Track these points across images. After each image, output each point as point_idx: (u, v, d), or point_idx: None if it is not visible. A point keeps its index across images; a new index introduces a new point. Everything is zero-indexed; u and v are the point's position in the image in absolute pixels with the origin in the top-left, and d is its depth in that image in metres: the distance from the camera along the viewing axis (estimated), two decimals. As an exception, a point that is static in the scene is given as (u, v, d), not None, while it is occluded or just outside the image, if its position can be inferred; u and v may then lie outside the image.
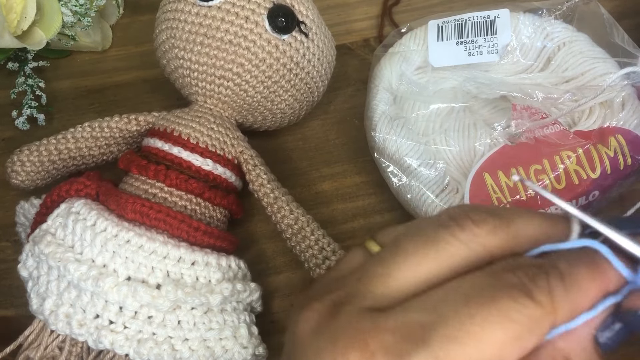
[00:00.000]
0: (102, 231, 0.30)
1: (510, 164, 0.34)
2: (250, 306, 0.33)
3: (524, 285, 0.17)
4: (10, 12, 0.40)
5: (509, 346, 0.17)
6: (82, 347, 0.30)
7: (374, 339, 0.17)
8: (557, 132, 0.34)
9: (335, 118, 0.43)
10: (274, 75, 0.35)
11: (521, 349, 0.17)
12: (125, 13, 0.49)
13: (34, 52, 0.45)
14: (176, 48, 0.35)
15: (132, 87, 0.45)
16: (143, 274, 0.29)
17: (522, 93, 0.35)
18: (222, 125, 0.35)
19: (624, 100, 0.35)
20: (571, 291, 0.17)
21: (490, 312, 0.17)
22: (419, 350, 0.17)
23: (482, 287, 0.18)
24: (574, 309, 0.18)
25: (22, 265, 0.31)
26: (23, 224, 0.35)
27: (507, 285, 0.17)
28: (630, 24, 0.42)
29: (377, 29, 0.47)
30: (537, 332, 0.17)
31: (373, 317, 0.18)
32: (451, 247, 0.19)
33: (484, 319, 0.17)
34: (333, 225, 0.38)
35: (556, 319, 0.17)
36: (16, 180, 0.35)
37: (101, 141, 0.36)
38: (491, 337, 0.17)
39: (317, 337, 0.19)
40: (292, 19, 0.34)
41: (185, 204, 0.33)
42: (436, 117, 0.37)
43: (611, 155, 0.33)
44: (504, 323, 0.17)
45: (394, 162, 0.36)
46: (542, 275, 0.18)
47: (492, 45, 0.38)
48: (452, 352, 0.17)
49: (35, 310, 0.30)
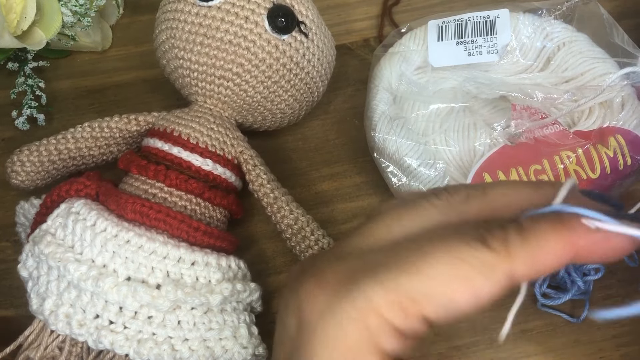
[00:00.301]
0: (102, 231, 0.30)
1: (510, 164, 0.34)
2: (250, 306, 0.33)
3: (480, 235, 0.18)
4: (10, 12, 0.40)
5: (457, 285, 0.17)
6: (82, 347, 0.30)
7: (330, 270, 0.19)
8: (557, 132, 0.34)
9: (335, 118, 0.43)
10: (274, 75, 0.35)
11: (473, 291, 0.17)
12: (125, 13, 0.49)
13: (34, 52, 0.45)
14: (176, 48, 0.35)
15: (132, 87, 0.45)
16: (143, 274, 0.29)
17: (522, 93, 0.35)
18: (222, 126, 0.35)
19: (623, 101, 0.35)
20: (529, 242, 0.18)
21: (442, 253, 0.18)
22: (367, 278, 0.18)
23: (442, 236, 0.19)
24: (533, 261, 0.18)
25: (22, 265, 0.31)
26: (23, 224, 0.35)
27: (465, 235, 0.18)
28: (630, 24, 0.42)
29: (377, 29, 0.47)
30: (490, 276, 0.17)
31: (339, 258, 0.20)
32: (425, 211, 0.20)
33: (434, 257, 0.18)
34: (333, 225, 0.38)
35: (512, 267, 0.17)
36: (16, 181, 0.35)
37: (101, 141, 0.36)
38: (439, 274, 0.17)
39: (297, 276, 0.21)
40: (292, 19, 0.34)
41: (185, 204, 0.33)
42: (436, 117, 0.37)
43: (611, 156, 0.33)
44: (453, 262, 0.17)
45: (393, 162, 0.36)
46: (500, 227, 0.18)
47: (491, 46, 0.38)
48: (400, 282, 0.17)
49: (35, 311, 0.30)
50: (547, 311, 0.35)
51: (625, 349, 0.35)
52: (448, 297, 0.17)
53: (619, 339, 0.35)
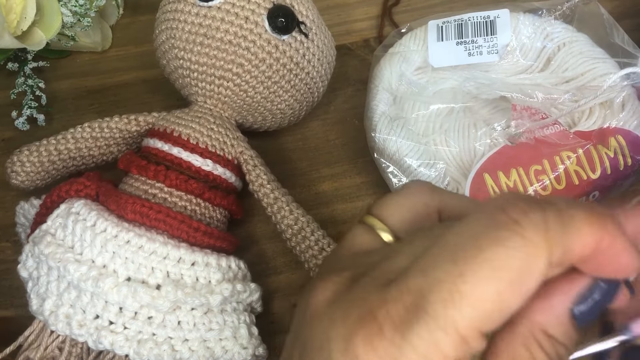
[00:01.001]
0: (102, 232, 0.30)
1: (510, 165, 0.34)
2: (250, 307, 0.33)
3: (515, 223, 0.16)
4: (10, 13, 0.40)
5: (507, 294, 0.16)
6: (82, 348, 0.30)
7: (381, 310, 0.17)
8: (557, 132, 0.34)
9: (335, 118, 0.43)
10: (274, 75, 0.35)
11: (523, 290, 0.16)
12: (125, 13, 0.49)
13: (33, 53, 0.45)
14: (176, 48, 0.35)
15: (132, 87, 0.45)
16: (143, 275, 0.29)
17: (522, 93, 0.35)
18: (222, 126, 0.35)
19: (624, 101, 0.35)
20: (568, 229, 0.17)
21: (480, 266, 0.16)
22: (420, 319, 0.16)
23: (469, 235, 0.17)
24: (567, 250, 0.17)
25: (22, 265, 0.31)
26: (23, 224, 0.35)
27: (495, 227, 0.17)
28: (630, 24, 0.42)
29: (377, 29, 0.47)
30: (535, 271, 0.16)
31: (379, 289, 0.18)
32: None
33: (474, 275, 0.16)
34: (333, 226, 0.38)
35: (551, 255, 0.16)
36: (16, 181, 0.35)
37: (101, 142, 0.36)
38: (486, 293, 0.16)
39: (331, 308, 0.19)
40: (292, 19, 0.34)
41: (185, 205, 0.33)
42: (436, 118, 0.37)
43: (611, 156, 0.33)
44: (495, 274, 0.16)
45: (394, 162, 0.36)
46: (537, 209, 0.17)
47: (492, 46, 0.38)
48: (452, 316, 0.16)
49: (35, 311, 0.30)
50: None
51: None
52: (500, 308, 0.16)
53: (619, 340, 0.35)
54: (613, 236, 0.17)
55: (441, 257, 0.17)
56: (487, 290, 0.16)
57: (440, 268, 0.17)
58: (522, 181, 0.34)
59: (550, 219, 0.16)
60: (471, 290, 0.16)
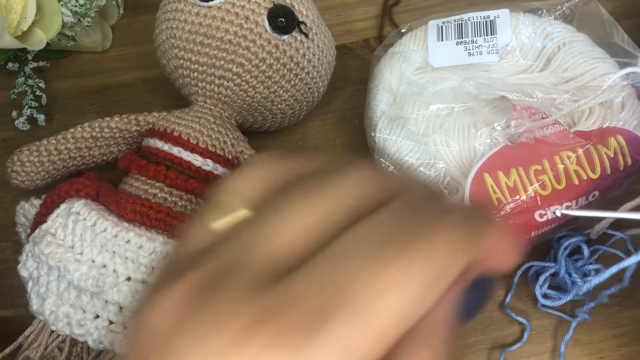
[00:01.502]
0: (102, 231, 0.30)
1: (510, 164, 0.34)
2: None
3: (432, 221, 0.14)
4: (10, 13, 0.40)
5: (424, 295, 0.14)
6: (82, 347, 0.30)
7: (265, 326, 0.12)
8: (557, 132, 0.34)
9: (335, 118, 0.43)
10: (274, 75, 0.35)
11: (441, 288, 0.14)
12: (125, 13, 0.49)
13: (34, 53, 0.45)
14: (176, 48, 0.35)
15: (132, 87, 0.45)
16: (143, 274, 0.29)
17: (522, 93, 0.35)
18: (222, 126, 0.35)
19: (623, 101, 0.35)
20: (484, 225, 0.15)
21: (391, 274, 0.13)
22: (320, 335, 0.12)
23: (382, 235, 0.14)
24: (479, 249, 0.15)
25: (22, 265, 0.31)
26: (23, 224, 0.35)
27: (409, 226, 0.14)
28: (630, 24, 0.42)
29: (377, 29, 0.47)
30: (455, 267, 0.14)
31: (258, 297, 0.13)
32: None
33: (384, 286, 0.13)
34: (333, 226, 0.38)
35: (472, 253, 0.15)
36: (16, 181, 0.35)
37: (101, 141, 0.36)
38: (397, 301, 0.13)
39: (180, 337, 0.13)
40: (292, 19, 0.34)
41: (186, 204, 0.33)
42: (436, 118, 0.37)
43: (611, 156, 0.33)
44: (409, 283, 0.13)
45: (394, 162, 0.36)
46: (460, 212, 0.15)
47: (492, 46, 0.38)
48: (355, 329, 0.13)
49: (36, 311, 0.30)
50: (547, 311, 0.35)
51: (625, 349, 0.35)
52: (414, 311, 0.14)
53: (619, 339, 0.35)
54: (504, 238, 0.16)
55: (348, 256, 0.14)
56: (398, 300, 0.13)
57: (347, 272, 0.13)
58: (522, 181, 0.34)
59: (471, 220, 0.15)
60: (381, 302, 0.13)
